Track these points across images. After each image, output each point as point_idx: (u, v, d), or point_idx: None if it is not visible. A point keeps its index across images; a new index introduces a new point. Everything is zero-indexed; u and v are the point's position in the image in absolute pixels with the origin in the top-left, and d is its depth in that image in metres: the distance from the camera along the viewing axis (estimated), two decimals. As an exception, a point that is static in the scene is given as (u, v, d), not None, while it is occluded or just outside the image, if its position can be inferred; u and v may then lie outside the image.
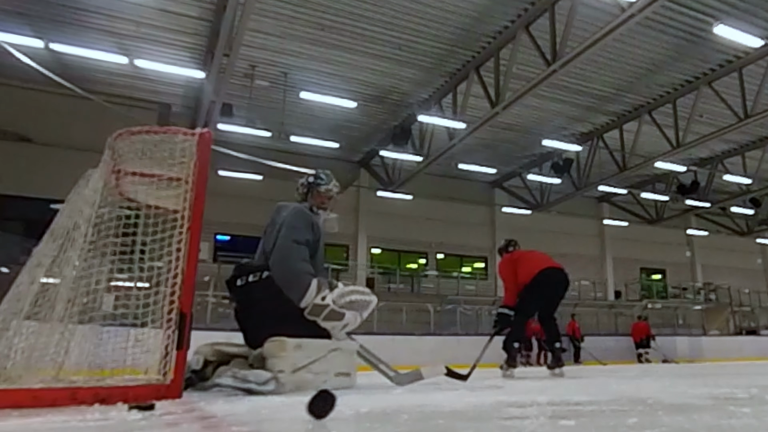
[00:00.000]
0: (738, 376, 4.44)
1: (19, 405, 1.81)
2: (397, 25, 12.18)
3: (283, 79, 14.21)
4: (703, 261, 27.15)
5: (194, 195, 2.38)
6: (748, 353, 17.86)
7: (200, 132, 2.52)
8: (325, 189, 3.67)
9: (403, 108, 16.23)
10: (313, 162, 16.84)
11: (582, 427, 1.36)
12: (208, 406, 2.03)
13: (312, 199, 3.65)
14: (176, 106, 15.93)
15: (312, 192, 3.66)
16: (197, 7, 11.56)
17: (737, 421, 1.46)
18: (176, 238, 2.31)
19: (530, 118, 16.95)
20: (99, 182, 2.51)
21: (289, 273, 3.16)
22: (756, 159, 19.13)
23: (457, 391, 2.79)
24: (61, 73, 10.22)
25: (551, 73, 11.74)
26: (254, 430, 1.43)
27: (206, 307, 14.87)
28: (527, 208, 22.83)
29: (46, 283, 2.37)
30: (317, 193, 3.65)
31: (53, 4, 11.30)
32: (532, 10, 11.62)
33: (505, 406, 1.89)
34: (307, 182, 3.68)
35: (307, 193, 3.67)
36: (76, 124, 13.90)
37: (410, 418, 1.62)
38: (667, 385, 3.11)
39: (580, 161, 19.25)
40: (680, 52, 13.32)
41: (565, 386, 3.28)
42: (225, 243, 18.89)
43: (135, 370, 2.36)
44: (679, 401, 2.02)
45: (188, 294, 2.28)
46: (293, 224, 3.32)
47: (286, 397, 2.37)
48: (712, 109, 15.41)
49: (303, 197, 3.67)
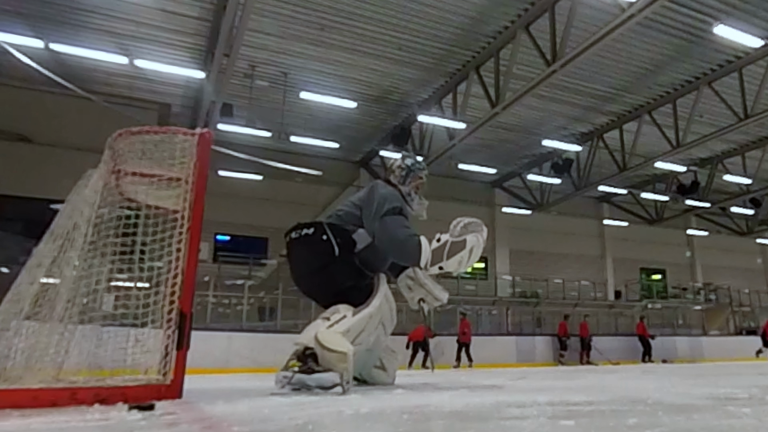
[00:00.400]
0: (738, 376, 4.44)
1: (19, 405, 1.81)
2: (397, 25, 12.19)
3: (283, 79, 14.22)
4: (703, 261, 27.17)
5: (194, 195, 2.38)
6: (748, 353, 17.87)
7: (200, 132, 2.52)
8: (425, 174, 3.55)
9: (403, 108, 16.23)
10: (313, 162, 16.89)
11: (582, 427, 1.36)
12: (208, 406, 2.03)
13: (410, 183, 3.48)
14: (176, 106, 15.94)
15: (411, 176, 3.49)
16: (197, 7, 11.57)
17: (737, 421, 1.46)
18: (176, 238, 2.31)
19: (530, 118, 16.96)
20: (99, 182, 2.51)
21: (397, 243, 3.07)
22: (756, 159, 19.14)
23: (457, 391, 2.79)
24: (61, 73, 10.17)
25: (551, 73, 11.75)
26: (254, 430, 1.43)
27: (206, 307, 14.90)
28: (527, 208, 22.84)
29: (46, 283, 2.37)
30: (416, 178, 3.50)
31: (53, 4, 11.30)
32: (532, 10, 11.63)
33: (505, 406, 1.89)
34: (406, 165, 3.50)
35: (406, 176, 3.48)
36: (76, 124, 13.91)
37: (410, 418, 1.62)
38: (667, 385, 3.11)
39: (580, 161, 19.26)
40: (680, 52, 13.33)
41: (565, 386, 3.28)
42: (225, 243, 18.90)
43: (135, 370, 2.35)
44: (679, 401, 2.02)
45: (188, 294, 2.27)
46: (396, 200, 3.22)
47: (286, 398, 2.37)
48: (712, 109, 15.42)
49: (401, 180, 3.48)
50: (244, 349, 11.81)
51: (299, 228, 3.21)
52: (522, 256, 22.81)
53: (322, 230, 3.11)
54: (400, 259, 3.20)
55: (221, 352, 11.36)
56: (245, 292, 15.99)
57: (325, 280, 3.12)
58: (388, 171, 3.58)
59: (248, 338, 12.52)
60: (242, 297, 15.92)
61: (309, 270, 3.17)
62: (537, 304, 21.47)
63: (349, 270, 3.13)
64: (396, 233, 3.06)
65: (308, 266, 3.18)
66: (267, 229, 19.00)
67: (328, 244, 3.07)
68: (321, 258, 3.08)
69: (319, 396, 2.44)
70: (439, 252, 3.02)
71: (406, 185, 3.47)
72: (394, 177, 3.51)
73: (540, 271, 22.95)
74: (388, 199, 3.19)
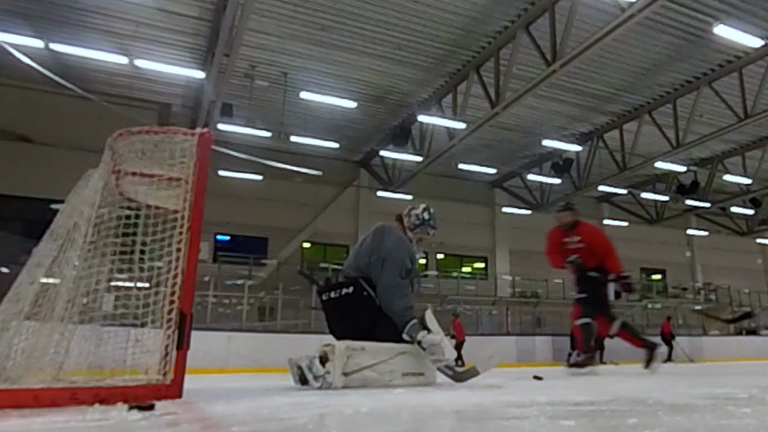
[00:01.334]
0: (738, 376, 4.44)
1: (19, 405, 1.81)
2: (397, 25, 12.19)
3: (283, 79, 14.21)
4: (703, 261, 27.17)
5: (194, 195, 2.38)
6: (748, 353, 17.87)
7: (200, 132, 2.52)
8: (434, 233, 3.83)
9: (403, 108, 16.23)
10: (313, 162, 16.89)
11: (582, 427, 1.36)
12: (208, 406, 2.03)
13: (417, 234, 3.76)
14: (176, 106, 15.94)
15: (421, 228, 3.76)
16: (197, 7, 11.57)
17: (737, 421, 1.46)
18: (176, 238, 2.31)
19: (530, 118, 16.96)
20: (99, 182, 2.51)
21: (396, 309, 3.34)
22: (756, 159, 19.15)
23: (457, 391, 2.79)
24: (61, 73, 10.18)
25: (551, 73, 11.75)
26: (254, 430, 1.43)
27: (206, 307, 14.89)
28: (527, 208, 22.84)
29: (46, 283, 2.37)
30: (425, 232, 3.78)
31: (53, 4, 11.30)
32: (532, 10, 11.63)
33: (505, 406, 1.89)
34: (423, 218, 3.76)
35: (418, 226, 3.75)
36: (76, 124, 13.91)
37: (410, 418, 1.62)
38: (667, 385, 3.11)
39: (580, 161, 19.26)
40: (680, 52, 13.33)
41: (565, 386, 3.28)
42: (225, 243, 18.90)
43: (135, 370, 2.35)
44: (679, 401, 2.02)
45: (188, 294, 2.27)
46: (400, 257, 3.46)
47: (286, 398, 2.37)
48: (712, 109, 15.42)
49: (411, 227, 3.75)
50: (244, 349, 11.79)
51: (335, 288, 3.46)
52: (522, 256, 22.79)
53: (361, 288, 3.37)
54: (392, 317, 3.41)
55: (221, 352, 11.35)
56: (245, 292, 15.99)
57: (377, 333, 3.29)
58: (405, 214, 3.80)
59: (248, 338, 12.50)
60: (242, 297, 15.91)
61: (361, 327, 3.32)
62: (537, 304, 21.46)
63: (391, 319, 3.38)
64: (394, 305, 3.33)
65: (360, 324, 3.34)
66: (267, 229, 19.01)
67: (371, 299, 3.36)
68: (369, 315, 3.33)
69: (320, 396, 2.45)
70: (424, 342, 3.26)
71: (413, 233, 3.73)
72: (408, 221, 3.76)
73: (540, 271, 22.90)
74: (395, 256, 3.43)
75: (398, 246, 3.50)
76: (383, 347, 3.19)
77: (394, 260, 3.40)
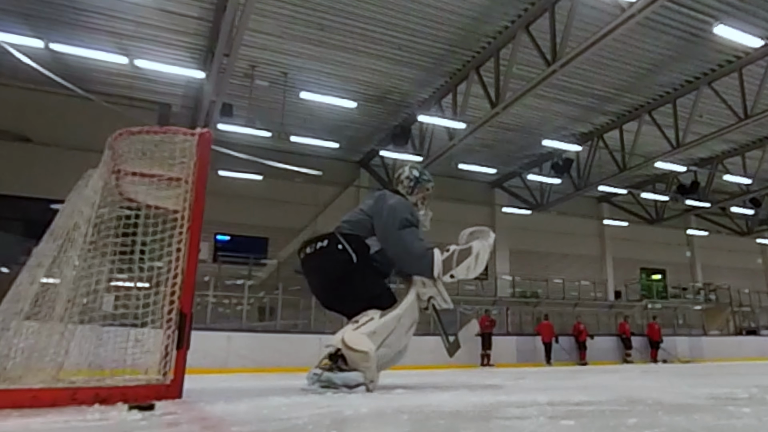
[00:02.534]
0: (738, 376, 4.44)
1: (19, 405, 1.81)
2: (397, 25, 12.18)
3: (283, 79, 14.21)
4: (703, 261, 27.16)
5: (194, 195, 2.38)
6: (748, 353, 17.88)
7: (200, 132, 2.52)
8: (431, 186, 3.67)
9: (403, 108, 16.22)
10: (313, 162, 16.88)
11: (582, 427, 1.36)
12: (208, 406, 2.04)
13: (417, 194, 3.60)
14: (176, 106, 15.93)
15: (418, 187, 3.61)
16: (197, 7, 11.56)
17: (737, 421, 1.46)
18: (176, 238, 2.31)
19: (530, 118, 16.95)
20: (99, 182, 2.51)
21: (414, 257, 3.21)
22: (756, 159, 19.13)
23: (457, 391, 2.79)
24: (61, 73, 10.21)
25: (551, 73, 11.74)
26: (254, 430, 1.43)
27: (206, 307, 14.89)
28: (527, 208, 22.83)
29: (46, 283, 2.37)
30: (424, 189, 3.62)
31: (53, 4, 11.30)
32: (532, 10, 11.62)
33: (505, 406, 1.89)
34: (413, 176, 3.61)
35: (414, 187, 3.60)
36: (76, 124, 13.90)
37: (410, 418, 1.62)
38: (667, 385, 3.11)
39: (580, 161, 19.24)
40: (680, 52, 13.33)
41: (565, 386, 3.28)
42: (225, 243, 18.88)
43: (135, 370, 2.35)
44: (679, 401, 2.02)
45: (188, 294, 2.28)
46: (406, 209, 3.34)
47: (286, 398, 2.37)
48: (712, 109, 15.41)
49: (409, 191, 3.59)
50: (244, 349, 11.80)
51: (312, 242, 3.27)
52: (522, 256, 22.79)
53: (336, 240, 3.16)
54: (415, 271, 3.28)
55: (221, 351, 11.36)
56: (245, 292, 15.99)
57: (349, 289, 3.16)
58: (396, 181, 3.65)
59: (248, 338, 12.51)
60: (242, 297, 15.91)
61: (330, 281, 3.20)
62: (537, 304, 21.47)
63: (371, 274, 3.21)
64: (412, 248, 3.19)
65: (328, 278, 3.20)
66: (267, 229, 18.99)
67: (345, 252, 3.13)
68: (341, 267, 3.13)
69: (320, 396, 2.45)
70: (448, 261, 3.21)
71: (413, 196, 3.57)
72: (402, 187, 3.59)
73: (540, 271, 22.94)
74: (399, 209, 3.28)
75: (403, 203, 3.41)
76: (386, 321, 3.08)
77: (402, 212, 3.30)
